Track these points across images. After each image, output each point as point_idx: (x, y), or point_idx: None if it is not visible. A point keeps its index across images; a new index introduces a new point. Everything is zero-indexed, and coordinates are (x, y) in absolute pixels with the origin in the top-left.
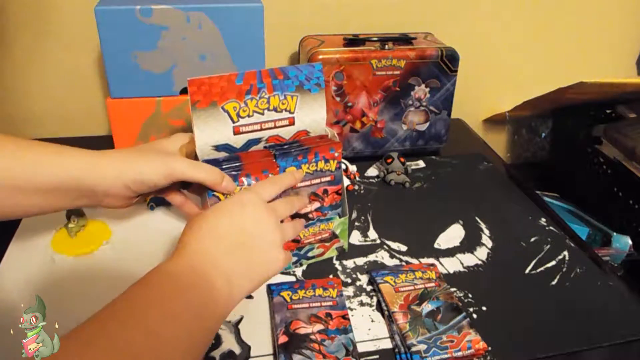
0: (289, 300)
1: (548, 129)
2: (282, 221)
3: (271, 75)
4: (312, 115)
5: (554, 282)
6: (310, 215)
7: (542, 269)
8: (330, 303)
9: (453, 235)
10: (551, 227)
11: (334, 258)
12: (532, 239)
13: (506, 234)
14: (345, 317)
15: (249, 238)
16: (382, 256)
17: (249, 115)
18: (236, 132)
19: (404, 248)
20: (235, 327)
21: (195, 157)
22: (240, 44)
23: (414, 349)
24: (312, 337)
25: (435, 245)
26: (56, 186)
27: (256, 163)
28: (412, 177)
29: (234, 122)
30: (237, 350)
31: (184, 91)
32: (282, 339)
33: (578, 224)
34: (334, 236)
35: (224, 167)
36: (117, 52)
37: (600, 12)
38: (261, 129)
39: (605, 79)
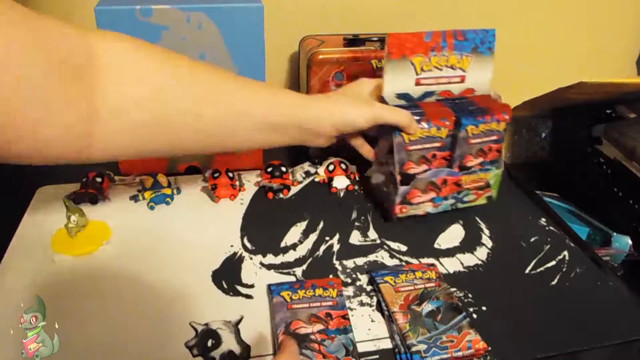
0: (289, 300)
1: (548, 129)
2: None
3: (453, 36)
4: (480, 75)
5: (554, 282)
6: (473, 169)
7: (542, 269)
8: (330, 303)
9: (453, 235)
10: (551, 227)
11: (334, 258)
12: (532, 239)
13: (506, 234)
14: (345, 317)
15: None
16: (382, 256)
17: (429, 70)
18: (417, 83)
19: (404, 248)
20: (235, 327)
21: (380, 102)
22: (240, 44)
23: (414, 349)
24: (312, 337)
25: (435, 245)
26: (283, 124)
27: (436, 111)
28: None
29: (417, 74)
30: (237, 350)
31: None
32: (282, 338)
33: (578, 224)
34: (487, 185)
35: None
36: None
37: (600, 12)
38: (436, 83)
39: (605, 79)
